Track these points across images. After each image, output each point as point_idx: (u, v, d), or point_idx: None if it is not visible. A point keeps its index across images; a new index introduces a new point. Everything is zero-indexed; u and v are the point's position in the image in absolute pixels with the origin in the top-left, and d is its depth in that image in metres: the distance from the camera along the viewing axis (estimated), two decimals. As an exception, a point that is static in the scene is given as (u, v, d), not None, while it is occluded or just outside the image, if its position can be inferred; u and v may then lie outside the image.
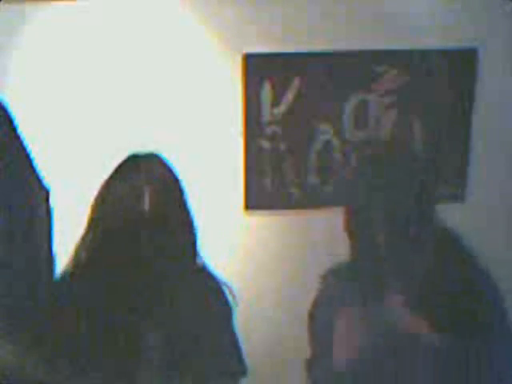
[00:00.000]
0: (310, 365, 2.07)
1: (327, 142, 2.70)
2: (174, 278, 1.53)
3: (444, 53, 2.67)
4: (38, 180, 1.94)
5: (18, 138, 1.86)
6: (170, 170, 1.74)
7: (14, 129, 1.85)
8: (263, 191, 2.70)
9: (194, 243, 1.68)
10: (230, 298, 1.77)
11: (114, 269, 1.51)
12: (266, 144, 2.67)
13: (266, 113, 2.64)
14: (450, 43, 2.66)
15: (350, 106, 2.68)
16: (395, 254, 1.92)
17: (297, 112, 2.66)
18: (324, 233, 2.75)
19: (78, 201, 2.59)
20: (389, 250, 1.92)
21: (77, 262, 1.59)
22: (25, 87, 2.48)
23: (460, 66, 2.70)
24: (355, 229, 1.98)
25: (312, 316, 2.08)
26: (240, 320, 2.03)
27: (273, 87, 2.62)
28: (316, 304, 2.07)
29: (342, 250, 2.74)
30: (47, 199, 1.98)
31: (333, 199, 2.75)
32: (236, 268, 2.72)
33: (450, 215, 2.83)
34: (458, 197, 2.82)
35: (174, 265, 1.56)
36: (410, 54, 2.65)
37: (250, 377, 1.88)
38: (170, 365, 1.48)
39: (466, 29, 2.67)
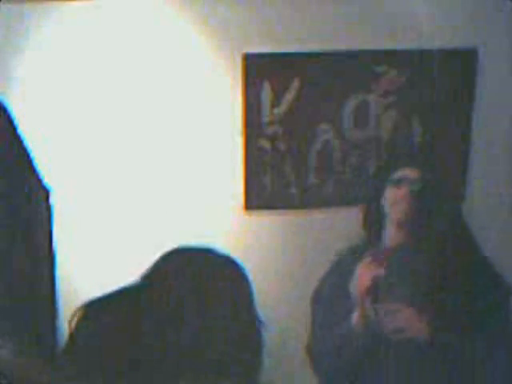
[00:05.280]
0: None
1: (327, 142, 2.70)
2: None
3: (444, 53, 2.67)
4: (38, 180, 1.94)
5: (18, 137, 1.86)
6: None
7: (14, 129, 1.85)
8: (263, 191, 2.70)
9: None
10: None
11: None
12: (266, 144, 2.67)
13: (266, 113, 2.64)
14: (450, 43, 2.66)
15: (350, 106, 2.68)
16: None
17: (297, 112, 2.65)
18: (324, 233, 2.75)
19: (78, 201, 2.60)
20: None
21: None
22: (25, 87, 2.48)
23: (460, 66, 2.70)
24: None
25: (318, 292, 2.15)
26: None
27: (273, 87, 2.62)
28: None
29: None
30: (47, 199, 1.98)
31: (333, 199, 2.75)
32: (236, 268, 2.71)
33: (450, 215, 2.83)
34: (458, 197, 2.82)
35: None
36: (409, 53, 2.65)
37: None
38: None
39: (466, 29, 2.67)
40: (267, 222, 2.73)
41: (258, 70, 2.60)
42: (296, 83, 2.63)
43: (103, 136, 2.57)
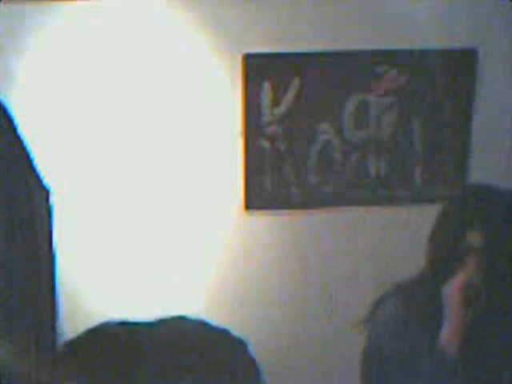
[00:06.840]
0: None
1: (327, 142, 2.70)
2: None
3: (444, 53, 2.67)
4: (38, 180, 1.94)
5: (18, 137, 1.86)
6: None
7: (14, 129, 1.85)
8: (263, 191, 2.70)
9: None
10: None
11: None
12: (266, 144, 2.67)
13: (266, 113, 2.64)
14: (450, 43, 2.66)
15: (350, 106, 2.68)
16: None
17: (297, 112, 2.66)
18: (324, 233, 2.76)
19: (78, 201, 2.60)
20: None
21: None
22: (25, 87, 2.48)
23: (460, 66, 2.70)
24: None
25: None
26: (240, 320, 2.03)
27: (273, 87, 2.62)
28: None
29: (342, 250, 2.75)
30: (47, 199, 1.98)
31: (333, 199, 2.75)
32: (236, 268, 2.72)
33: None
34: (457, 197, 2.81)
35: None
36: (409, 53, 2.65)
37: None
38: None
39: (466, 29, 2.67)
40: (267, 221, 2.73)
41: (258, 70, 2.60)
42: (296, 83, 2.63)
43: (103, 136, 2.57)
